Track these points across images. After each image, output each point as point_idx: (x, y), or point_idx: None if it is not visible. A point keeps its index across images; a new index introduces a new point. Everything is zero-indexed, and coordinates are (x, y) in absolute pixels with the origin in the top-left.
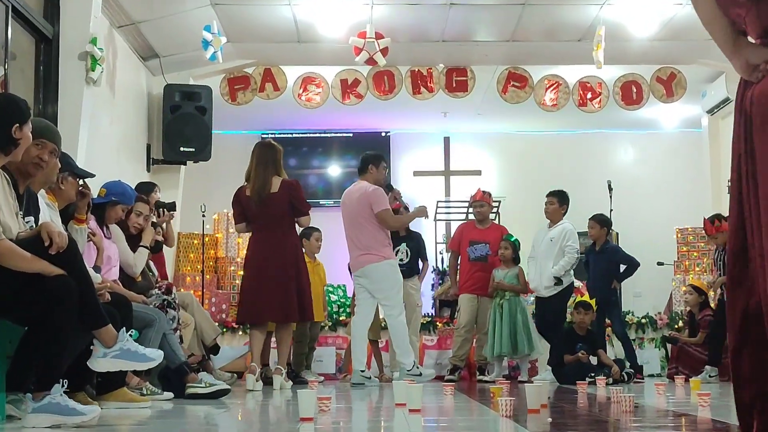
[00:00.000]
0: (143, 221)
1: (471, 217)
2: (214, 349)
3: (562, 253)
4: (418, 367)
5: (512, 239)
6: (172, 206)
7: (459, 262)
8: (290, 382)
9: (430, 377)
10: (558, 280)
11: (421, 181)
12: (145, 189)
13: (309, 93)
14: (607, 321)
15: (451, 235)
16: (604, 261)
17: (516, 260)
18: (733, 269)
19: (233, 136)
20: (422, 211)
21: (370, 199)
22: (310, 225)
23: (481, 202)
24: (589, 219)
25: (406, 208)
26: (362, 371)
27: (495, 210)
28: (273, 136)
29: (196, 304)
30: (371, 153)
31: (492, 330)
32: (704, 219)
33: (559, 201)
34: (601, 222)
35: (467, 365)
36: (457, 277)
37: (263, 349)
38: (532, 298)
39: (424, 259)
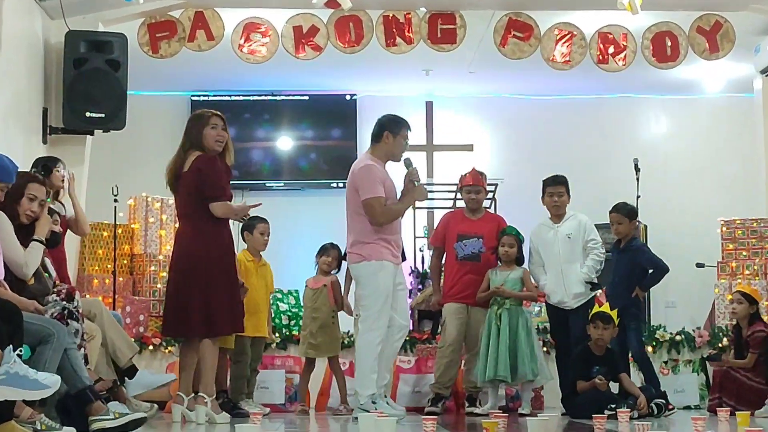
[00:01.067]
0: (38, 208)
1: (460, 204)
2: (130, 371)
3: (585, 252)
4: (375, 402)
5: (515, 233)
6: (50, 164)
7: (444, 261)
8: (225, 415)
9: (399, 417)
10: (593, 285)
11: None
12: (44, 165)
13: (252, 44)
14: None
15: (434, 228)
16: (625, 262)
17: (520, 260)
18: None
19: (154, 98)
20: (420, 193)
21: (356, 180)
22: (256, 214)
23: (477, 186)
24: (613, 211)
25: None
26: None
27: (491, 196)
28: (206, 98)
29: (106, 313)
30: (391, 117)
31: (486, 348)
32: None
33: (568, 191)
34: (630, 213)
35: (454, 394)
36: (441, 281)
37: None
38: (538, 308)
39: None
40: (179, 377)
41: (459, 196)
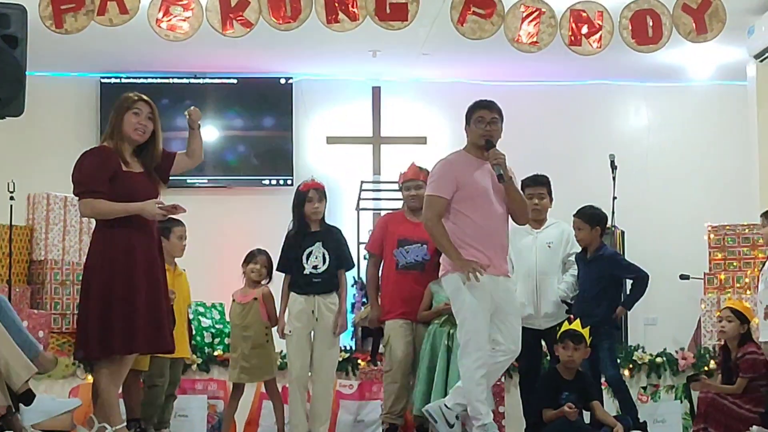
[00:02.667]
0: None
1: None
2: (26, 397)
3: (563, 266)
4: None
5: None
6: None
7: (382, 270)
8: None
9: None
10: (568, 305)
11: (337, 151)
12: None
13: (172, 18)
14: None
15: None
16: (594, 274)
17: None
18: None
19: (58, 80)
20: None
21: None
22: (174, 216)
23: (417, 181)
24: (574, 215)
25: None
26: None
27: None
28: (117, 81)
29: None
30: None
31: (430, 372)
32: None
33: (550, 193)
34: (591, 218)
35: (404, 424)
36: (379, 293)
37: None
38: None
39: (347, 266)
40: (93, 404)
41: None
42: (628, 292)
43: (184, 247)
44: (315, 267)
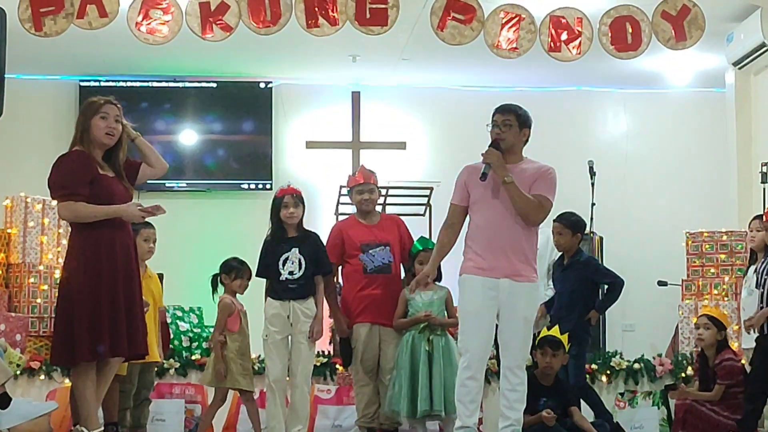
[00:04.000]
0: None
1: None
2: (1, 400)
3: (549, 273)
4: None
5: (431, 245)
6: None
7: (343, 276)
8: None
9: None
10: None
11: (316, 156)
12: None
13: (152, 22)
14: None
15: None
16: (572, 279)
17: (438, 278)
18: None
19: (37, 82)
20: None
21: None
22: (150, 219)
23: (370, 185)
24: (555, 220)
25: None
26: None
27: (425, 201)
28: (97, 84)
29: None
30: None
31: (412, 378)
32: None
33: None
34: (573, 225)
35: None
36: (338, 301)
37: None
38: None
39: (323, 271)
40: (70, 407)
41: (341, 201)
42: (602, 298)
43: (151, 249)
44: (291, 273)
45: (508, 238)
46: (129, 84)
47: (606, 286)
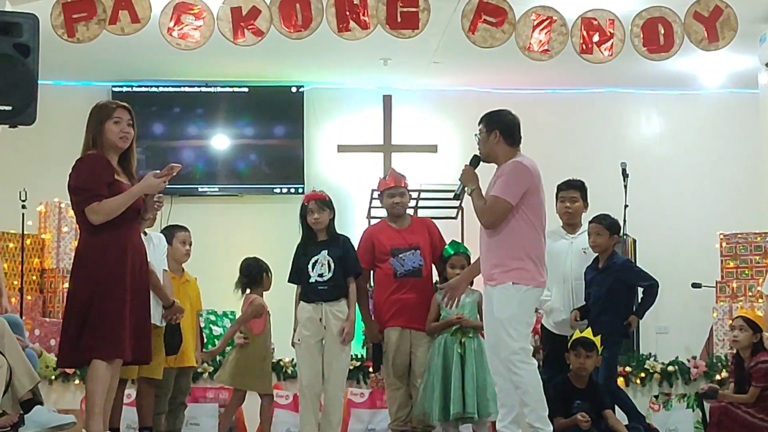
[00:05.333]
0: None
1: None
2: (27, 405)
3: None
4: None
5: (463, 250)
6: None
7: (374, 281)
8: None
9: None
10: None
11: (348, 159)
12: None
13: (184, 27)
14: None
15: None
16: (609, 282)
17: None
18: None
19: (70, 88)
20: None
21: None
22: (176, 223)
23: (401, 188)
24: (593, 221)
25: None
26: None
27: (456, 204)
28: (129, 89)
29: (8, 335)
30: None
31: (444, 381)
32: None
33: (584, 197)
34: (611, 227)
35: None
36: (371, 306)
37: (116, 405)
38: None
39: (354, 273)
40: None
41: (374, 205)
42: (640, 303)
43: (188, 252)
44: (320, 275)
45: (483, 245)
46: (161, 89)
47: (641, 289)
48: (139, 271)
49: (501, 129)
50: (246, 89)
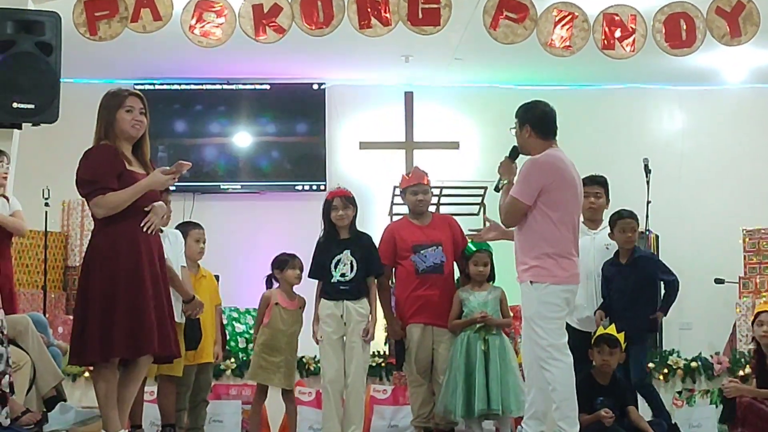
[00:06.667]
0: None
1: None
2: (50, 402)
3: None
4: None
5: (485, 247)
6: None
7: (396, 278)
8: None
9: None
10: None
11: (370, 156)
12: None
13: (205, 24)
14: None
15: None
16: (634, 277)
17: (492, 277)
18: None
19: (92, 86)
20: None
21: None
22: (190, 220)
23: (423, 186)
24: (629, 217)
25: None
26: None
27: (479, 201)
28: (151, 87)
29: (32, 333)
30: None
31: (468, 378)
32: None
33: (607, 193)
34: (638, 222)
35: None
36: (393, 303)
37: (137, 402)
38: None
39: (376, 272)
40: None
41: (396, 202)
42: (663, 299)
43: (202, 250)
44: (343, 275)
45: (515, 242)
46: (183, 87)
47: (663, 284)
48: (152, 266)
49: (532, 123)
50: (268, 86)
